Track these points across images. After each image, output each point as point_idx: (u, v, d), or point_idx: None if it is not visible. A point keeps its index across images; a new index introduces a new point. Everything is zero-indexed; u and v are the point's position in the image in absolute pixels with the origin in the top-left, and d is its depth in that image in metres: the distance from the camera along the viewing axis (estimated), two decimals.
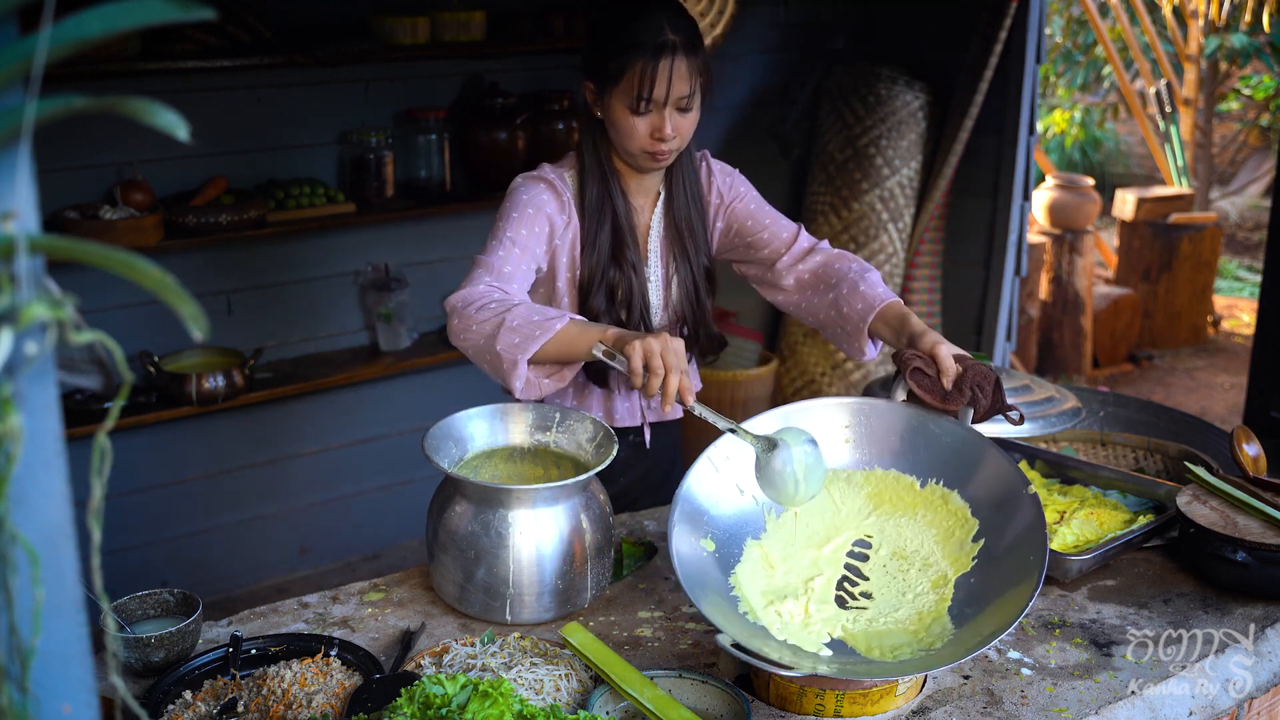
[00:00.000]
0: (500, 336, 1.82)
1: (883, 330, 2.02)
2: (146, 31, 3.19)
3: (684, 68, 1.96)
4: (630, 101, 1.97)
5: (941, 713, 1.62)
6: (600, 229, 2.08)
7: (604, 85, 2.01)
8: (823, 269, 2.14)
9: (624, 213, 2.10)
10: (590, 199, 2.08)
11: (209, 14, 0.69)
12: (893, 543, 1.81)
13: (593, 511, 1.89)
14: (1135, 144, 10.32)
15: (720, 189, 2.21)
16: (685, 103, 1.99)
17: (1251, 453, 2.23)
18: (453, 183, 4.01)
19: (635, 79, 1.95)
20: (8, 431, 0.66)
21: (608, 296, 2.09)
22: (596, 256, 2.08)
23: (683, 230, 2.15)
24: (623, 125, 2.00)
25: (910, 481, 1.86)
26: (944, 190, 4.46)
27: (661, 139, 1.99)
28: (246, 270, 3.76)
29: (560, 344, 1.82)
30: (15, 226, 0.68)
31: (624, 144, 2.02)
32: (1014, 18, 4.14)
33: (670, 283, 2.18)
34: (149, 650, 1.66)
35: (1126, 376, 6.42)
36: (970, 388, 1.85)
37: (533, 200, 2.04)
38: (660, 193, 2.17)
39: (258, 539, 3.98)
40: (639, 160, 2.04)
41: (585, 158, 2.09)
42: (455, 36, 3.78)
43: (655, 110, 1.98)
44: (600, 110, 2.05)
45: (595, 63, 2.03)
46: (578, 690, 1.61)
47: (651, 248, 2.17)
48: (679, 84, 1.96)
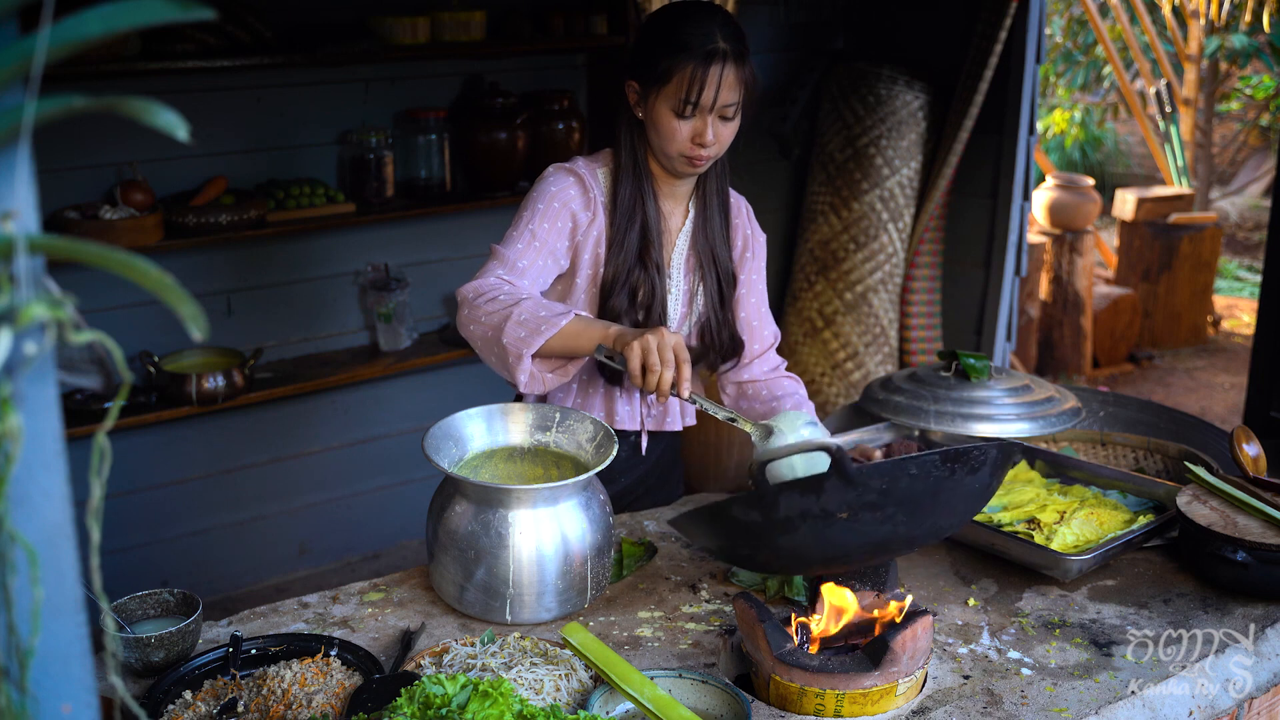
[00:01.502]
0: (507, 329, 1.83)
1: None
2: (146, 31, 3.19)
3: (732, 76, 1.97)
4: (676, 104, 1.98)
5: (941, 713, 1.62)
6: (630, 229, 2.08)
7: (650, 86, 2.01)
8: (774, 384, 2.23)
9: (654, 216, 2.10)
10: (623, 198, 2.08)
11: (209, 14, 0.69)
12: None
13: (593, 511, 1.89)
14: (1135, 144, 10.32)
15: (752, 245, 2.25)
16: (729, 111, 2.00)
17: (1251, 453, 2.23)
18: (453, 183, 4.01)
19: (684, 82, 1.96)
20: (8, 431, 0.66)
21: (629, 298, 2.10)
22: (623, 256, 2.08)
23: (713, 239, 2.17)
24: (665, 127, 2.00)
25: None
26: (944, 190, 4.46)
27: (702, 144, 2.00)
28: (246, 270, 3.76)
29: (565, 339, 1.83)
30: (15, 226, 0.68)
31: (664, 146, 2.03)
32: (1014, 18, 4.14)
33: (695, 291, 2.19)
34: (149, 650, 1.66)
35: (1126, 376, 6.42)
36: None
37: (560, 193, 2.05)
38: (690, 205, 2.18)
39: (258, 539, 3.98)
40: (675, 164, 2.05)
41: (622, 156, 2.09)
42: (455, 36, 3.78)
43: (699, 115, 1.98)
44: (642, 111, 2.05)
45: (643, 63, 2.03)
46: (578, 690, 1.61)
47: (676, 257, 2.17)
48: (726, 91, 1.97)
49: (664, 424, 2.27)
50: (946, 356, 2.53)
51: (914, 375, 2.53)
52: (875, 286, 4.51)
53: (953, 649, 1.78)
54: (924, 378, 2.49)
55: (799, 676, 1.61)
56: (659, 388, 1.76)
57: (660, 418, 2.26)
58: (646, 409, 2.24)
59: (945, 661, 1.75)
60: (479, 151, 3.94)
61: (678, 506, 2.30)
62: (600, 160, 2.13)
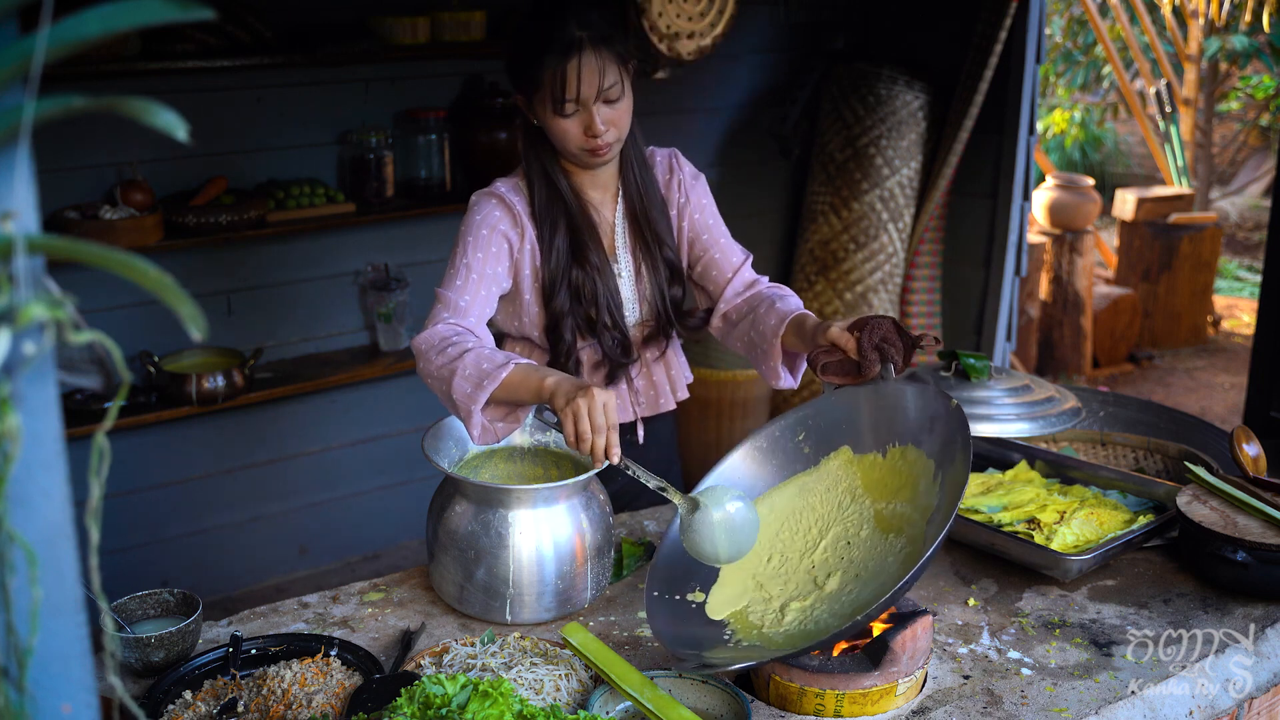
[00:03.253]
0: (455, 385, 1.81)
1: (792, 341, 2.02)
2: (146, 31, 3.19)
3: (595, 62, 1.94)
4: (554, 105, 1.97)
5: (941, 713, 1.62)
6: (555, 232, 2.08)
7: (528, 92, 2.01)
8: (753, 298, 2.16)
9: (578, 212, 2.10)
10: (540, 205, 2.08)
11: (208, 14, 0.68)
12: (871, 520, 1.80)
13: (593, 511, 1.89)
14: (1135, 144, 10.32)
15: (687, 189, 2.20)
16: (612, 93, 1.98)
17: (1251, 453, 2.23)
18: (453, 183, 4.01)
19: (552, 81, 1.95)
20: (7, 431, 0.66)
21: (573, 297, 2.09)
22: (555, 259, 2.08)
23: (640, 220, 2.15)
24: (555, 129, 2.01)
25: (872, 457, 1.84)
26: (944, 190, 4.46)
27: (594, 135, 1.98)
28: (246, 270, 3.76)
29: (508, 390, 1.80)
30: (15, 226, 0.68)
31: (561, 146, 2.03)
32: (1014, 18, 4.14)
33: (641, 271, 2.18)
34: (149, 650, 1.66)
35: (1126, 376, 6.42)
36: (876, 348, 1.84)
37: (486, 220, 2.04)
38: (618, 186, 2.17)
39: (258, 539, 3.98)
40: (580, 159, 2.04)
41: (530, 165, 2.10)
42: (455, 36, 3.78)
43: (583, 108, 1.97)
44: (534, 117, 2.05)
45: (514, 71, 2.04)
46: (578, 690, 1.61)
47: (619, 242, 2.16)
48: (596, 78, 1.95)
49: (657, 406, 2.25)
50: (946, 356, 2.53)
51: (914, 375, 2.53)
52: (875, 286, 4.51)
53: (953, 649, 1.78)
54: (924, 378, 2.49)
55: (799, 676, 1.61)
56: (593, 453, 1.74)
57: (652, 401, 2.24)
58: (635, 396, 2.23)
59: (945, 661, 1.75)
60: (479, 151, 3.94)
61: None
62: (518, 174, 2.13)
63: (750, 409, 4.56)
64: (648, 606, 1.73)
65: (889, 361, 1.83)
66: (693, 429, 4.37)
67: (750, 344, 2.12)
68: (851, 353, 1.85)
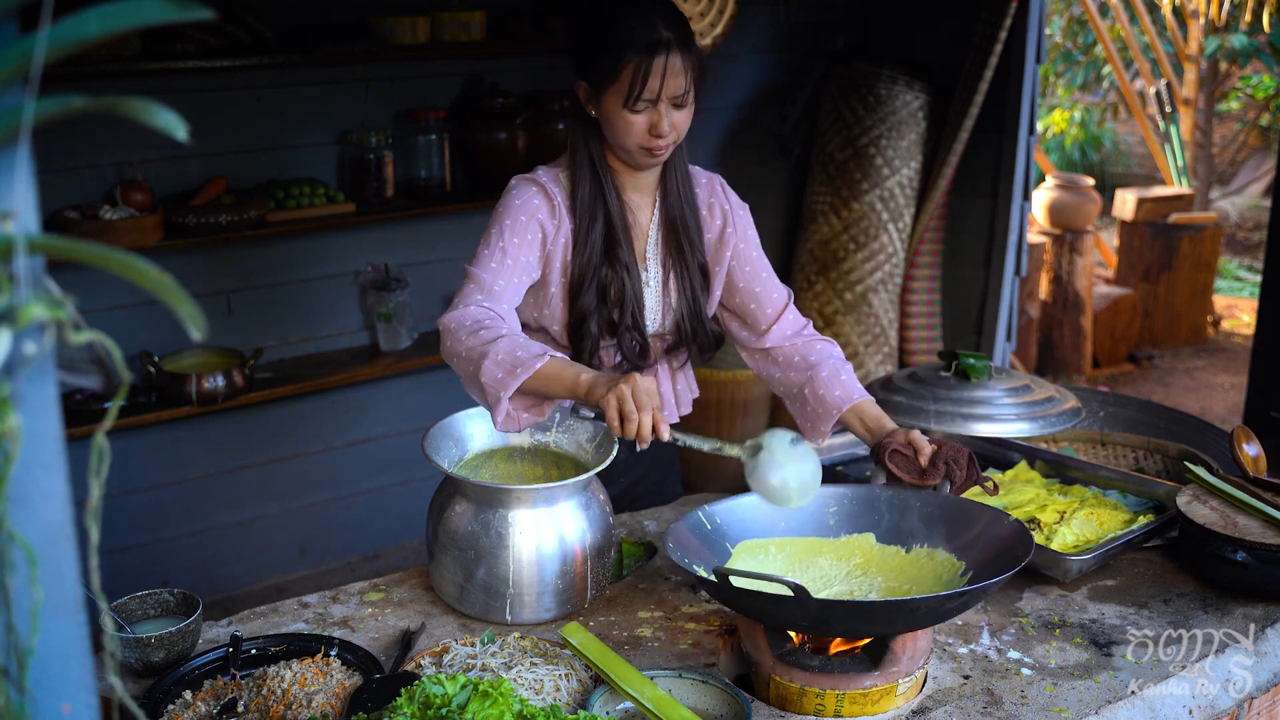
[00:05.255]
0: (485, 368, 1.81)
1: (854, 423, 2.12)
2: (146, 31, 3.19)
3: (678, 64, 1.96)
4: (626, 99, 1.97)
5: (941, 713, 1.62)
6: (592, 227, 2.07)
7: (598, 83, 2.01)
8: (806, 348, 2.19)
9: (618, 211, 2.09)
10: (582, 197, 2.07)
11: (208, 14, 0.68)
12: (879, 591, 1.81)
13: (593, 511, 1.89)
14: (1135, 144, 10.32)
15: (734, 219, 2.20)
16: (681, 99, 1.99)
17: (1251, 453, 2.23)
18: (453, 183, 4.01)
19: (630, 76, 1.95)
20: (7, 431, 0.66)
21: (599, 295, 2.08)
22: (588, 254, 2.07)
23: (678, 226, 2.15)
24: (619, 123, 2.00)
25: (895, 550, 1.86)
26: (944, 190, 4.46)
27: (658, 135, 1.99)
28: (246, 270, 3.76)
29: (540, 381, 1.81)
30: (15, 226, 0.68)
31: (621, 141, 2.02)
32: (1014, 18, 4.14)
33: (668, 282, 2.18)
34: (149, 650, 1.66)
35: (1126, 376, 6.42)
36: (945, 463, 1.96)
37: (525, 205, 2.03)
38: (656, 195, 2.17)
39: (258, 539, 3.98)
40: (635, 157, 2.04)
41: (578, 157, 2.09)
42: (455, 36, 3.78)
43: (651, 107, 1.98)
44: (595, 109, 2.05)
45: (589, 61, 2.02)
46: (578, 690, 1.61)
47: (650, 247, 2.16)
48: (674, 80, 1.96)
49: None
50: (946, 356, 2.53)
51: (914, 375, 2.53)
52: (875, 286, 4.51)
53: (953, 649, 1.78)
54: (924, 378, 2.49)
55: (799, 677, 1.61)
56: (639, 434, 1.75)
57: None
58: None
59: (945, 661, 1.75)
60: (479, 151, 3.94)
61: (678, 506, 2.30)
62: (560, 165, 2.12)
63: (750, 409, 4.56)
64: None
65: (949, 480, 1.96)
66: (692, 429, 4.36)
67: (799, 399, 2.17)
68: (924, 458, 1.97)
